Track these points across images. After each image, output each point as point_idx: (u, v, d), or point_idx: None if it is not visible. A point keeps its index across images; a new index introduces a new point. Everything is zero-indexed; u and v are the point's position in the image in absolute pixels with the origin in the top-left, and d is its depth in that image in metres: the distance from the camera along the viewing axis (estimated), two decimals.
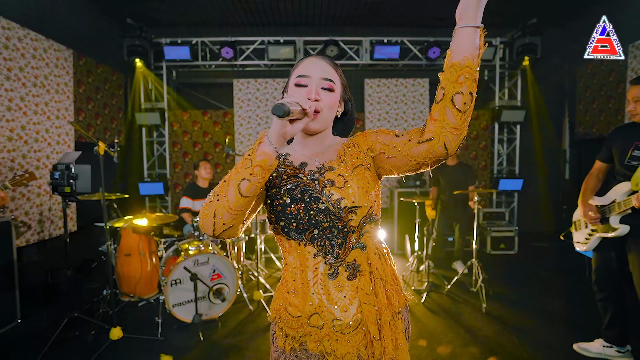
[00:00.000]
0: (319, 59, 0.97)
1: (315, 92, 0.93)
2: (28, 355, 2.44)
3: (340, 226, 0.90)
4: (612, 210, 2.15)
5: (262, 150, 0.81)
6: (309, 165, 0.97)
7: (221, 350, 2.57)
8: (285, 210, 0.91)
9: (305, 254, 0.92)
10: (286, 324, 0.95)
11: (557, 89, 5.62)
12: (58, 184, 2.50)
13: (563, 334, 2.74)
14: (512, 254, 5.00)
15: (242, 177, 0.80)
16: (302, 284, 0.93)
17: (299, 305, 0.94)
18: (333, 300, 0.91)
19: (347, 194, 0.90)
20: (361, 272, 0.92)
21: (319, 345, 0.92)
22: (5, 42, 3.15)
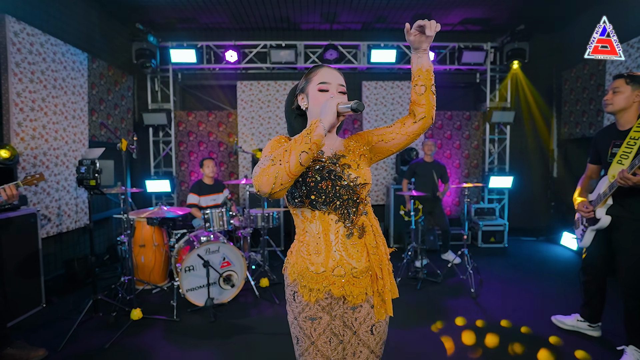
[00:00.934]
0: (333, 70, 1.26)
1: (336, 96, 1.23)
2: (56, 333, 2.68)
3: (355, 198, 1.20)
4: (597, 202, 2.40)
5: (318, 132, 1.05)
6: (325, 152, 1.25)
7: (231, 330, 2.82)
8: (317, 186, 1.16)
9: (329, 221, 1.19)
10: (310, 280, 1.19)
11: (545, 91, 5.91)
12: (84, 177, 2.74)
13: (542, 310, 3.03)
14: (501, 247, 5.29)
15: (303, 149, 1.03)
16: (326, 245, 1.19)
17: (322, 262, 1.19)
18: (350, 254, 1.19)
19: (361, 174, 1.21)
20: (366, 232, 1.21)
21: (341, 290, 1.19)
22: (29, 48, 3.39)
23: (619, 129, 2.33)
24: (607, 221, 2.33)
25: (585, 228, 2.52)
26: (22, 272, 3.00)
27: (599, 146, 2.46)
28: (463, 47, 5.49)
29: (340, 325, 1.23)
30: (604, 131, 2.48)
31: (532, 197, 6.14)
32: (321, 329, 1.21)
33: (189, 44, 5.38)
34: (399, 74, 5.95)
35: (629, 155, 2.18)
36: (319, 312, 1.21)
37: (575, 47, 5.27)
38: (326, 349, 1.22)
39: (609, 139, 2.37)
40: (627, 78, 2.23)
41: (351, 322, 1.23)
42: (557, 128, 5.93)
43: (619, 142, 2.28)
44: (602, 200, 2.33)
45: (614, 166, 2.27)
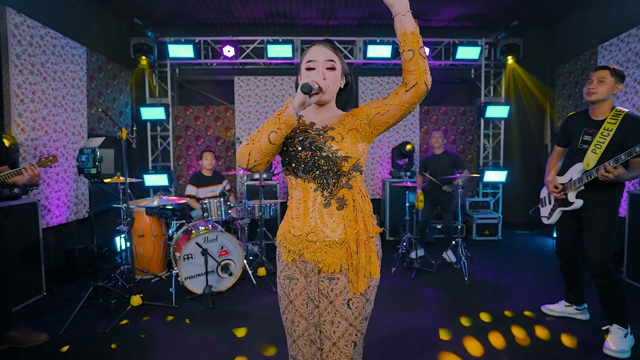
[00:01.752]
0: (322, 46, 1.27)
1: (322, 72, 1.24)
2: (57, 319, 2.73)
3: (335, 169, 1.23)
4: (569, 188, 2.50)
5: (287, 112, 1.11)
6: (316, 125, 1.28)
7: (230, 316, 2.88)
8: (297, 155, 1.22)
9: (308, 188, 1.23)
10: (289, 242, 1.27)
11: (539, 86, 6.00)
12: (84, 166, 2.79)
13: (534, 300, 3.10)
14: (495, 239, 5.38)
15: (272, 129, 1.12)
16: (304, 210, 1.25)
17: (300, 226, 1.25)
18: (325, 223, 1.23)
19: (342, 147, 1.21)
20: (347, 205, 1.23)
21: (312, 255, 1.24)
22: (30, 40, 3.43)
23: (592, 118, 2.42)
24: (579, 204, 2.46)
25: (554, 207, 2.61)
26: (24, 260, 3.05)
27: (569, 130, 2.56)
28: (458, 43, 5.57)
29: (316, 291, 1.24)
30: (576, 117, 2.56)
31: (527, 191, 6.22)
32: (298, 290, 1.28)
33: (187, 39, 5.43)
34: (394, 70, 6.02)
35: (602, 145, 2.29)
36: (296, 274, 1.28)
37: (568, 42, 5.37)
38: (303, 310, 1.26)
39: (581, 126, 2.46)
40: (612, 70, 2.32)
41: (327, 291, 1.25)
42: (550, 123, 6.03)
43: (591, 130, 2.38)
44: (575, 186, 2.43)
45: (589, 155, 2.36)
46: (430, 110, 6.00)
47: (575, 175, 2.46)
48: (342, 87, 1.34)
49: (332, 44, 1.31)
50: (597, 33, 4.65)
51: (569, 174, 2.52)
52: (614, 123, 2.30)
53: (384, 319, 2.80)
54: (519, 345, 2.40)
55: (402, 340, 2.49)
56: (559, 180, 2.59)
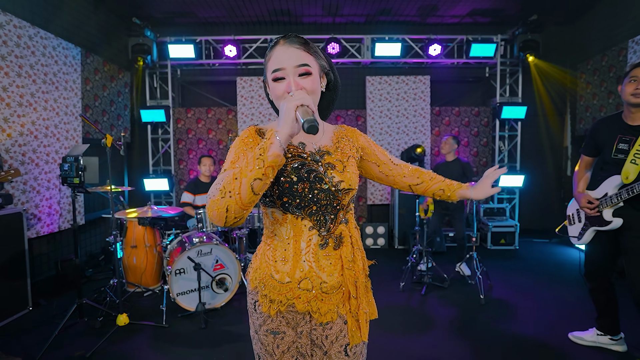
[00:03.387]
0: (289, 46, 0.97)
1: (295, 83, 0.96)
2: (40, 339, 2.54)
3: (334, 204, 1.02)
4: (605, 204, 2.19)
5: (273, 151, 0.83)
6: (307, 146, 1.05)
7: (223, 337, 2.65)
8: (292, 188, 0.98)
9: (301, 227, 1.01)
10: (272, 290, 1.02)
11: (559, 85, 5.63)
12: (67, 175, 2.60)
13: (559, 324, 2.79)
14: (512, 249, 5.04)
15: (255, 176, 0.83)
16: (295, 252, 1.01)
17: (289, 272, 1.01)
18: (321, 266, 1.01)
19: (345, 178, 1.03)
20: (344, 243, 1.03)
21: (307, 305, 1.01)
22: (17, 41, 3.26)
23: (628, 123, 2.11)
24: (618, 223, 2.14)
25: (587, 226, 2.31)
26: (7, 274, 2.87)
27: (601, 138, 2.24)
28: (472, 40, 5.25)
29: (308, 343, 1.05)
30: (608, 122, 2.24)
31: (545, 197, 5.86)
32: (285, 346, 1.05)
33: (188, 38, 5.24)
34: (404, 69, 5.73)
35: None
36: (283, 326, 1.04)
37: (593, 37, 4.99)
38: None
39: (615, 132, 2.15)
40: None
41: (321, 340, 1.05)
42: (571, 124, 5.65)
43: (628, 137, 2.07)
44: (612, 202, 2.12)
45: (628, 166, 2.05)
46: (442, 111, 5.69)
47: (612, 190, 2.15)
48: (323, 89, 1.07)
49: (300, 39, 1.00)
50: (627, 26, 4.28)
51: (603, 188, 2.21)
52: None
53: (390, 343, 2.53)
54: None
55: None
56: (591, 194, 2.28)
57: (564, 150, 5.84)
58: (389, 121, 5.60)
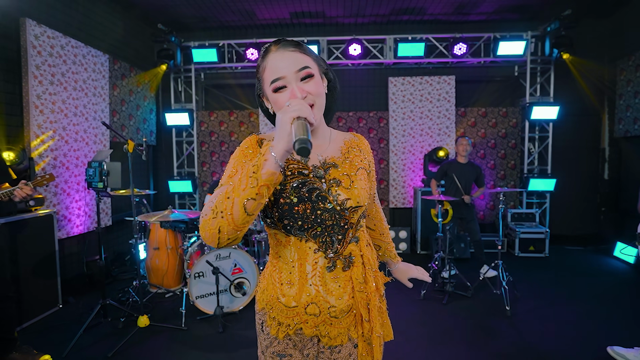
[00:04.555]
0: (285, 50, 0.91)
1: (299, 90, 0.90)
2: (67, 337, 2.64)
3: (342, 224, 0.94)
4: None
5: (268, 169, 0.77)
6: (311, 160, 0.96)
7: (239, 342, 2.66)
8: (292, 209, 0.91)
9: (306, 249, 0.95)
10: (280, 313, 0.98)
11: (596, 83, 5.29)
12: (92, 180, 2.69)
13: (593, 341, 2.61)
14: (542, 256, 4.79)
15: (248, 196, 0.77)
16: (300, 276, 0.96)
17: (294, 296, 0.96)
18: (329, 290, 0.95)
19: (353, 195, 0.94)
20: (354, 263, 0.96)
21: (315, 330, 0.96)
22: (50, 51, 3.42)
23: None
24: None
25: None
26: (39, 273, 3.02)
27: None
28: (499, 38, 5.03)
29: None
30: None
31: (579, 202, 5.54)
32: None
33: (211, 43, 5.33)
34: (427, 69, 5.57)
35: None
36: (289, 349, 1.00)
37: (634, 31, 4.66)
38: None
39: None
40: None
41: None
42: (609, 124, 5.30)
43: None
44: None
45: None
46: (467, 112, 5.49)
47: None
48: (326, 91, 1.00)
49: (292, 41, 0.93)
50: None
51: None
52: None
53: (407, 355, 2.45)
54: None
55: None
56: None
57: (601, 153, 5.49)
58: (412, 123, 5.47)
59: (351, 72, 5.66)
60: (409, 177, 5.54)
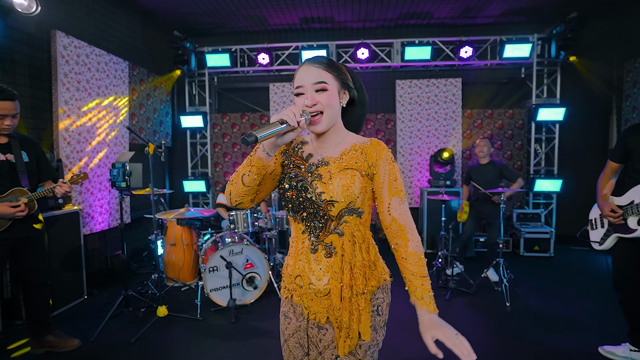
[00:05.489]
0: (310, 66, 1.10)
1: (311, 98, 1.07)
2: (93, 324, 2.87)
3: (321, 214, 1.09)
4: (631, 212, 2.13)
5: (257, 154, 1.05)
6: (313, 158, 1.14)
7: (251, 332, 2.85)
8: (285, 194, 1.14)
9: (298, 229, 1.15)
10: (286, 279, 1.21)
11: (604, 84, 5.32)
12: (115, 180, 2.91)
13: (589, 336, 2.71)
14: (546, 256, 4.86)
15: (244, 171, 1.07)
16: (295, 251, 1.17)
17: (291, 266, 1.18)
18: (312, 269, 1.12)
19: (327, 190, 1.06)
20: (335, 253, 1.09)
21: (300, 300, 1.14)
22: (76, 59, 3.67)
23: None
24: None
25: (609, 232, 2.24)
26: (66, 266, 3.26)
27: (631, 144, 2.18)
28: (505, 40, 5.11)
29: (305, 338, 1.16)
30: (638, 129, 2.18)
31: (586, 203, 5.52)
32: (291, 330, 1.19)
33: (224, 48, 5.54)
34: (434, 72, 5.68)
35: None
36: (290, 313, 1.19)
37: None
38: (296, 353, 1.18)
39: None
40: None
41: (316, 340, 1.14)
42: (617, 126, 5.33)
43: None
44: (638, 211, 2.05)
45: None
46: (474, 114, 5.58)
47: (639, 198, 2.09)
48: (343, 104, 1.14)
49: (324, 59, 1.13)
50: None
51: (629, 196, 2.15)
52: None
53: (408, 345, 2.59)
54: None
55: None
56: (617, 201, 2.22)
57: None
58: (419, 124, 5.59)
59: (359, 75, 5.79)
60: (415, 178, 5.66)
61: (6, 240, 2.27)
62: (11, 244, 2.31)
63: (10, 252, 2.33)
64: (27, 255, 2.41)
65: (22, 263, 2.42)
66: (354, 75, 1.19)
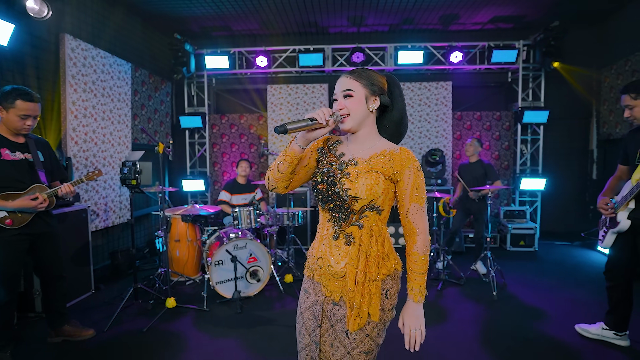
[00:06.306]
0: (343, 77, 1.29)
1: (339, 103, 1.27)
2: (103, 316, 3.01)
3: (345, 207, 1.24)
4: (620, 206, 2.36)
5: (292, 147, 1.23)
6: (345, 156, 1.29)
7: (256, 321, 3.02)
8: (317, 186, 1.30)
9: (325, 217, 1.32)
10: (310, 259, 1.37)
11: (585, 88, 5.63)
12: (126, 177, 3.05)
13: (568, 320, 2.96)
14: (531, 250, 5.14)
15: (280, 160, 1.26)
16: (320, 236, 1.34)
17: (316, 249, 1.34)
18: (332, 253, 1.29)
19: (353, 187, 1.21)
20: (354, 242, 1.24)
21: (320, 278, 1.32)
22: (83, 62, 3.79)
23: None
24: (626, 225, 2.28)
25: (607, 229, 2.47)
26: (75, 260, 3.38)
27: (628, 146, 2.41)
28: (493, 46, 5.37)
29: (320, 311, 1.29)
30: (636, 131, 2.41)
31: (568, 200, 5.88)
32: (308, 304, 1.34)
33: (223, 50, 5.68)
34: (426, 75, 5.92)
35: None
36: (310, 289, 1.36)
37: (617, 42, 5.01)
38: (309, 324, 1.33)
39: (639, 140, 2.31)
40: (631, 93, 2.19)
41: (330, 314, 1.29)
42: (596, 128, 5.64)
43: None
44: (623, 203, 2.28)
45: (639, 170, 2.21)
46: (463, 116, 5.84)
47: (625, 192, 2.32)
48: (372, 110, 1.27)
49: (357, 70, 1.30)
50: None
51: (621, 192, 2.38)
52: None
53: None
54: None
55: (422, 355, 2.49)
56: (616, 198, 2.45)
57: (590, 154, 5.83)
58: (412, 126, 5.82)
59: None
60: None
61: (26, 236, 2.40)
62: (30, 238, 2.43)
63: (28, 247, 2.45)
64: (46, 249, 2.54)
65: (41, 257, 2.54)
66: (392, 83, 1.32)
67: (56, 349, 2.60)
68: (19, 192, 2.35)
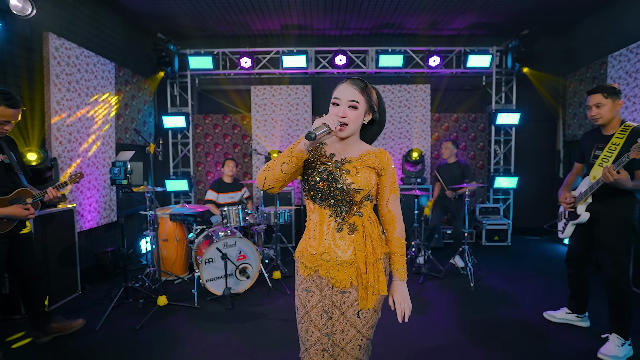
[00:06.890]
0: (350, 85, 1.35)
1: (343, 111, 1.35)
2: (93, 315, 3.02)
3: (348, 200, 1.37)
4: (579, 200, 2.61)
5: (299, 148, 1.26)
6: (336, 156, 1.41)
7: (247, 316, 3.11)
8: (316, 185, 1.38)
9: (324, 214, 1.40)
10: (306, 259, 1.43)
11: (552, 93, 6.02)
12: (117, 177, 3.07)
13: (538, 306, 3.22)
14: (505, 245, 5.46)
15: (284, 161, 1.28)
16: (319, 233, 1.43)
17: (315, 246, 1.42)
18: (337, 245, 1.40)
19: (356, 181, 1.36)
20: (357, 230, 1.38)
21: (326, 272, 1.41)
22: (67, 61, 3.75)
23: (603, 133, 2.52)
24: (586, 217, 2.54)
25: (567, 221, 2.72)
26: (62, 261, 3.36)
27: (584, 147, 2.67)
28: (469, 51, 5.66)
29: (330, 304, 1.40)
30: (590, 133, 2.67)
31: (538, 197, 6.26)
32: (314, 302, 1.43)
33: (206, 51, 5.70)
34: (405, 78, 6.16)
35: (609, 159, 2.38)
36: (313, 287, 1.45)
37: (580, 50, 5.40)
38: (318, 321, 1.41)
39: (593, 141, 2.56)
40: (604, 92, 2.41)
41: (340, 304, 1.39)
42: (563, 130, 6.05)
43: (602, 145, 2.48)
44: (583, 198, 2.54)
45: (595, 168, 2.47)
46: (441, 117, 6.12)
47: (584, 189, 2.57)
48: (365, 122, 1.42)
49: (361, 83, 1.37)
50: (608, 42, 4.69)
51: (579, 188, 2.63)
52: (622, 137, 2.37)
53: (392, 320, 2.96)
54: (519, 350, 2.54)
55: (409, 342, 2.66)
56: (573, 194, 2.69)
57: (557, 154, 6.24)
58: (392, 127, 6.03)
59: (337, 80, 6.16)
60: None
61: (6, 239, 2.35)
62: (9, 241, 2.38)
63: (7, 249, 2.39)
64: (25, 250, 2.50)
65: (20, 259, 2.48)
66: (381, 100, 1.47)
67: (48, 349, 2.60)
68: (3, 197, 2.32)
